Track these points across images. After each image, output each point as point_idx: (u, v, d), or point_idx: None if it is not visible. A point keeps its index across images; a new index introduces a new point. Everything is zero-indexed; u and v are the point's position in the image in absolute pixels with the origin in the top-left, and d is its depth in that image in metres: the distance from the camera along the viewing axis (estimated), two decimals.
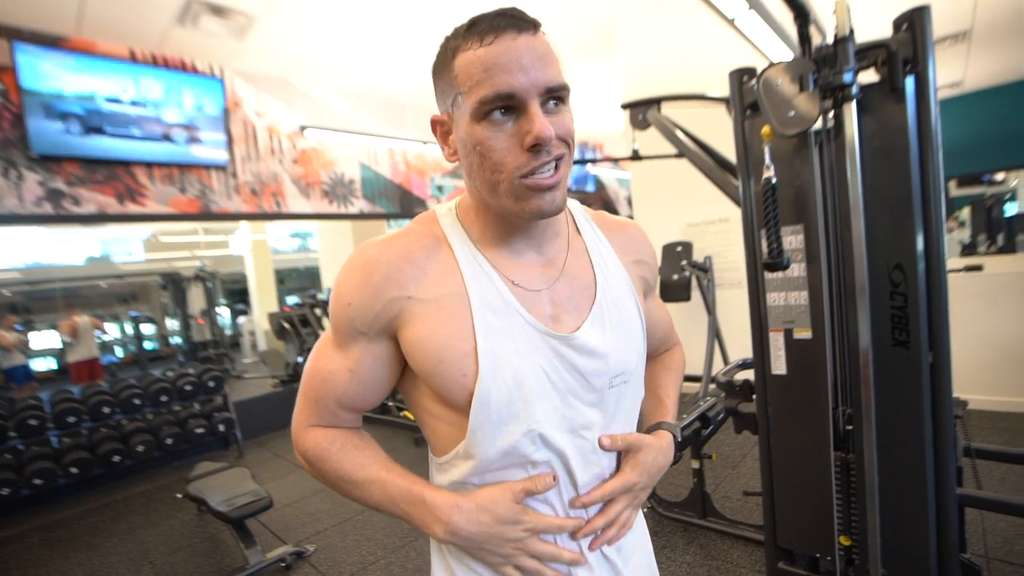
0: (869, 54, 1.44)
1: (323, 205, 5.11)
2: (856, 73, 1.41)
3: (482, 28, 0.52)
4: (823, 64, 1.43)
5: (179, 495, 2.50)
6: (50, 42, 3.62)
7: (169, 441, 3.57)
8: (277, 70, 4.60)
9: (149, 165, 3.99)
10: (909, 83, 1.42)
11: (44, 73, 3.51)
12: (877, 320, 1.48)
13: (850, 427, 1.59)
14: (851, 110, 1.41)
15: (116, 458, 3.41)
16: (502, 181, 0.54)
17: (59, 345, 6.88)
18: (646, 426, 0.74)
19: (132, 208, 3.95)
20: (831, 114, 1.51)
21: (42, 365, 9.21)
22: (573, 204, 0.72)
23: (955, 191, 7.37)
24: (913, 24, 1.38)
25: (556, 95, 0.54)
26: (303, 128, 4.55)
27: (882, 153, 1.47)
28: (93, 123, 3.67)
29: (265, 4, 3.66)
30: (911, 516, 1.48)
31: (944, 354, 1.43)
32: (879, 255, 1.47)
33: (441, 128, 0.60)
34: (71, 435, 3.56)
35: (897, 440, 1.49)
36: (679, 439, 0.73)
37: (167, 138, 3.98)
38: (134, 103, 3.83)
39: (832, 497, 1.61)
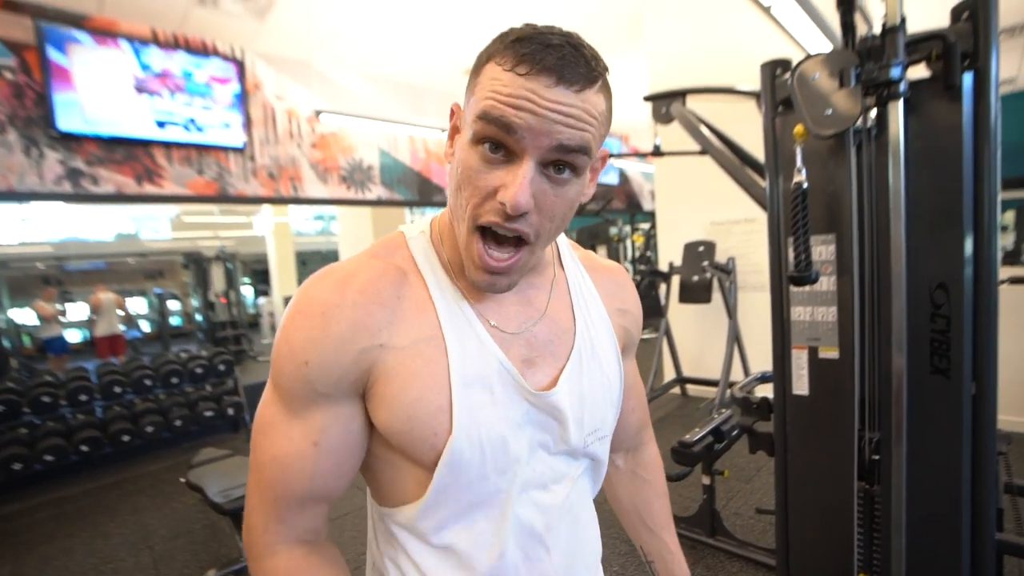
0: (921, 47, 1.28)
1: (341, 191, 5.07)
2: (906, 68, 1.26)
3: (524, 53, 0.42)
4: (867, 57, 1.28)
5: (182, 479, 2.49)
6: (73, 21, 3.62)
7: (178, 423, 3.60)
8: (297, 52, 4.54)
9: (167, 146, 3.98)
10: (967, 80, 1.26)
11: (67, 52, 3.51)
12: (914, 344, 1.34)
13: (876, 457, 1.45)
14: (897, 109, 1.27)
15: (126, 437, 3.45)
16: (463, 221, 0.48)
17: (86, 318, 7.05)
18: None
19: (150, 189, 3.95)
20: (872, 113, 1.36)
21: (72, 337, 9.50)
22: (559, 237, 0.63)
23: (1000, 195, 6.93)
24: (976, 13, 1.22)
25: (565, 161, 0.45)
26: (318, 113, 4.49)
27: (929, 158, 1.31)
28: (113, 102, 3.67)
29: None
30: (941, 560, 1.35)
31: (990, 386, 1.28)
32: (920, 272, 1.33)
33: (454, 120, 0.51)
34: (84, 412, 3.61)
35: (929, 475, 1.35)
36: None
37: (185, 119, 3.96)
38: (154, 83, 3.81)
39: (853, 530, 1.48)
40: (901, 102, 1.26)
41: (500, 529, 0.52)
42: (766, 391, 1.90)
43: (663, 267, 4.27)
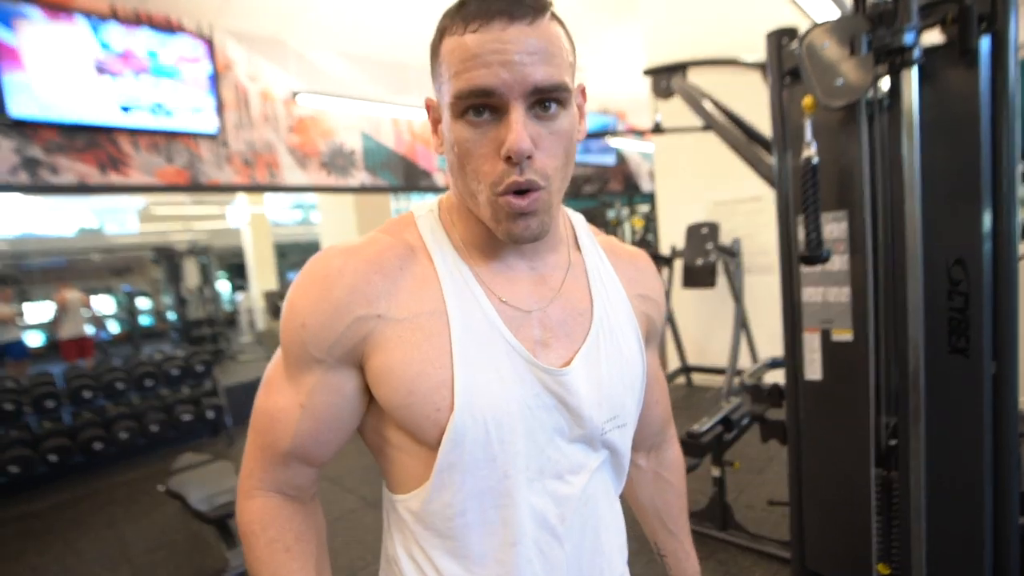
0: (936, 10, 1.29)
1: (321, 177, 5.02)
2: (919, 33, 1.25)
3: (471, 10, 0.46)
4: (879, 23, 1.28)
5: (161, 487, 2.48)
6: None
7: (155, 428, 3.58)
8: (270, 29, 4.47)
9: (133, 133, 3.91)
10: (984, 44, 1.26)
11: (14, 29, 3.42)
12: (931, 323, 1.35)
13: (893, 442, 1.47)
14: (911, 77, 1.26)
15: (98, 445, 3.42)
16: (480, 192, 0.50)
17: (49, 320, 6.96)
18: None
19: (115, 178, 3.88)
20: (884, 82, 1.36)
21: (32, 340, 9.37)
22: (576, 217, 0.66)
23: (1020, 165, 7.00)
24: None
25: (550, 97, 0.47)
26: (295, 94, 4.43)
27: (944, 128, 1.31)
28: (71, 85, 3.59)
29: None
30: (963, 547, 1.37)
31: (1011, 364, 1.30)
32: (936, 248, 1.34)
33: (432, 114, 0.56)
34: (51, 420, 3.57)
35: (949, 460, 1.37)
36: None
37: (152, 103, 3.89)
38: (116, 63, 3.73)
39: (871, 519, 1.50)
40: (915, 69, 1.26)
41: (511, 517, 0.53)
42: (777, 377, 1.92)
43: (665, 251, 4.29)
